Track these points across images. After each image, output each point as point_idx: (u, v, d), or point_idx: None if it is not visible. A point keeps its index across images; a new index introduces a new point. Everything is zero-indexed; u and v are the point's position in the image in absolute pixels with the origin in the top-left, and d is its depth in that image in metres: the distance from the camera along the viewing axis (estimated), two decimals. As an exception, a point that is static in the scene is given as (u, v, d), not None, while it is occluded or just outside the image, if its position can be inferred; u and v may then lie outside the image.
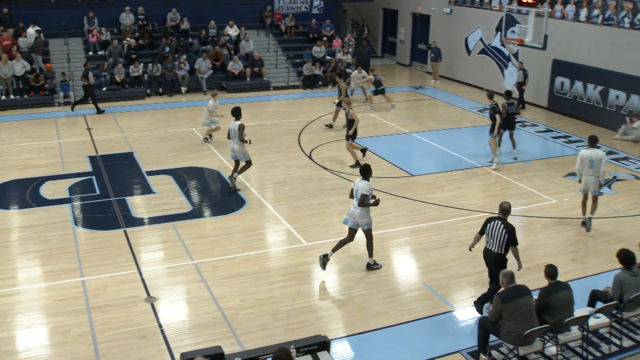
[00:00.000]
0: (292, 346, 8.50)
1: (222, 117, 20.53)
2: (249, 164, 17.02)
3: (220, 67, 28.66)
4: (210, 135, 20.94)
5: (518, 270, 11.15)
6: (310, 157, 19.59)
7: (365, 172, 12.71)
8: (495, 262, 11.14)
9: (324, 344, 8.90)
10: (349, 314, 11.41)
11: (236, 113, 16.81)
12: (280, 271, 12.84)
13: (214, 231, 14.64)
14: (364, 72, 26.29)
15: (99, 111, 24.36)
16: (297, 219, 15.27)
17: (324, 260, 12.72)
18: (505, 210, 11.29)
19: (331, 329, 10.88)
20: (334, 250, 12.92)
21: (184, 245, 13.73)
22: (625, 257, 10.72)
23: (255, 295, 11.88)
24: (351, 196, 12.93)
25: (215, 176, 18.02)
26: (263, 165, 18.67)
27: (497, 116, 18.73)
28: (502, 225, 11.08)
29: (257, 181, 17.62)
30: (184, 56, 27.90)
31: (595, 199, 15.07)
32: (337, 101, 22.84)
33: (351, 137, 18.77)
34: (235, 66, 28.34)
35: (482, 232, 11.49)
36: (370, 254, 13.00)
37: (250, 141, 16.99)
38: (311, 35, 32.25)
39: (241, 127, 16.51)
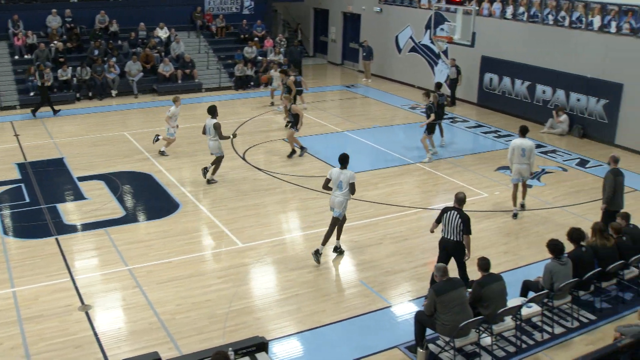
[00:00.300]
0: (230, 349, 8.46)
1: (177, 128, 20.04)
2: (219, 159, 17.49)
3: (151, 69, 28.28)
4: (157, 140, 20.06)
5: (466, 259, 11.55)
6: (243, 158, 19.52)
7: (345, 160, 13.04)
8: (454, 248, 11.62)
9: (262, 345, 8.89)
10: (286, 313, 11.42)
11: (212, 111, 17.32)
12: (216, 273, 12.76)
13: (148, 236, 14.45)
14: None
15: (34, 112, 24.01)
16: (232, 221, 15.20)
17: (340, 251, 13.58)
18: (460, 200, 11.70)
19: (269, 330, 10.87)
20: (338, 237, 13.57)
21: (118, 251, 13.53)
22: (554, 247, 11.01)
23: (192, 299, 11.78)
24: (325, 187, 13.26)
25: (149, 180, 17.78)
26: (197, 168, 18.51)
27: (432, 115, 19.13)
28: (458, 215, 11.49)
29: (191, 183, 17.47)
30: (114, 59, 27.49)
31: (525, 185, 15.84)
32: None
33: (296, 129, 19.37)
34: (166, 68, 28.02)
35: (438, 221, 11.85)
36: (324, 243, 13.25)
37: (235, 134, 18.23)
38: (242, 36, 32.09)
39: (217, 126, 17.02)
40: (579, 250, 11.41)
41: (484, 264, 10.35)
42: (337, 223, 13.23)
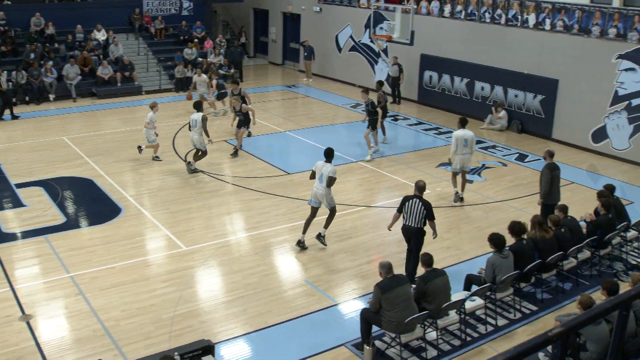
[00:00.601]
0: (176, 353, 8.41)
1: (158, 136, 19.54)
2: (204, 153, 18.32)
3: (89, 72, 27.83)
4: (141, 150, 19.37)
5: (434, 238, 12.20)
6: (185, 161, 19.34)
7: (329, 154, 13.64)
8: (416, 235, 12.09)
9: (208, 348, 8.85)
10: (232, 316, 11.37)
11: (197, 106, 18.32)
12: (160, 278, 12.63)
13: (91, 241, 14.21)
14: (203, 76, 25.98)
15: (14, 116, 24.10)
16: (175, 224, 15.06)
17: (302, 245, 13.89)
18: (421, 188, 12.22)
19: (216, 332, 10.81)
20: (304, 232, 13.89)
21: (59, 258, 13.28)
22: (496, 240, 11.23)
23: (136, 304, 11.64)
24: (312, 177, 13.80)
25: (89, 185, 17.49)
26: (138, 171, 18.33)
27: (379, 109, 19.44)
28: (420, 203, 12.00)
29: (133, 188, 17.27)
30: (51, 62, 26.93)
31: (465, 177, 16.35)
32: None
33: (245, 125, 19.96)
34: (104, 71, 27.61)
35: (400, 211, 12.19)
36: (326, 227, 13.87)
37: (210, 140, 18.40)
38: (182, 37, 31.81)
39: (204, 119, 17.98)
40: (520, 243, 11.64)
41: (427, 259, 10.49)
42: (333, 212, 13.84)
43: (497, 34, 23.72)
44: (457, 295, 10.93)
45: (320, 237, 13.90)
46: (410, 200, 12.03)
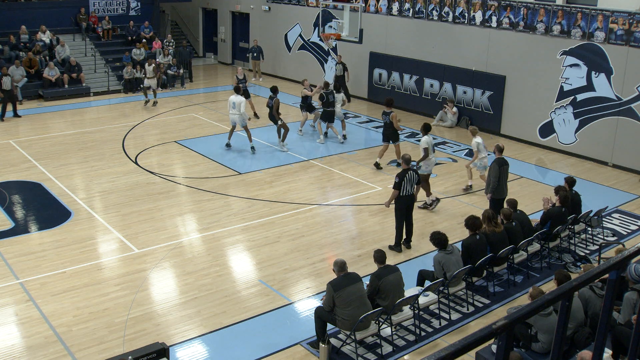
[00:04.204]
0: (130, 357, 8.33)
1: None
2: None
3: (35, 74, 27.32)
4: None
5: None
6: (136, 163, 19.16)
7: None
8: (412, 200, 13.87)
9: (162, 351, 8.78)
10: (187, 317, 11.30)
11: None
12: (113, 281, 12.48)
13: (40, 246, 13.96)
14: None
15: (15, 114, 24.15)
16: (126, 227, 14.89)
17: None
18: (408, 160, 13.88)
19: (170, 335, 10.74)
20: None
21: (7, 265, 13.01)
22: (437, 240, 11.37)
23: (89, 308, 11.49)
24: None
25: (38, 189, 17.19)
26: (87, 174, 18.08)
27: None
28: (413, 172, 13.77)
29: (83, 191, 17.03)
30: (-6, 65, 26.39)
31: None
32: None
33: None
34: (51, 73, 27.14)
35: (399, 187, 13.49)
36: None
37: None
38: (130, 38, 31.44)
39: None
40: (474, 237, 11.80)
41: (379, 256, 10.56)
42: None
43: (445, 32, 23.97)
44: (410, 290, 11.03)
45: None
46: (407, 173, 13.50)
